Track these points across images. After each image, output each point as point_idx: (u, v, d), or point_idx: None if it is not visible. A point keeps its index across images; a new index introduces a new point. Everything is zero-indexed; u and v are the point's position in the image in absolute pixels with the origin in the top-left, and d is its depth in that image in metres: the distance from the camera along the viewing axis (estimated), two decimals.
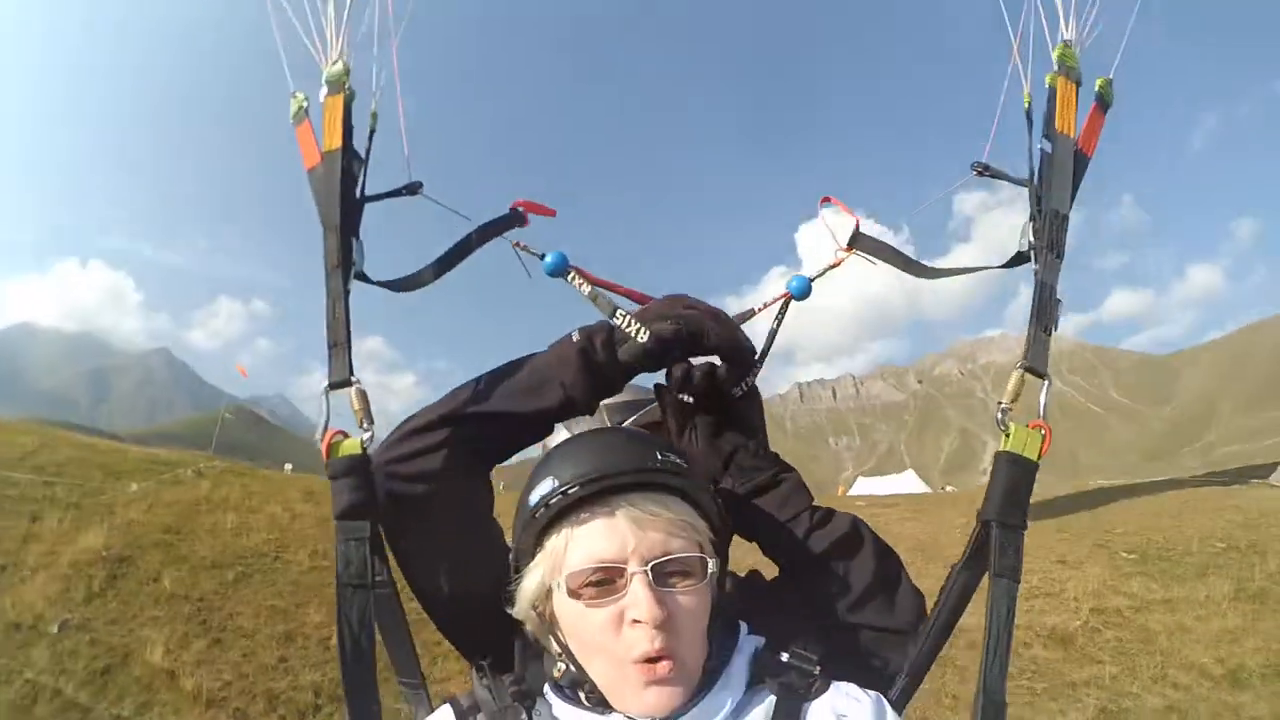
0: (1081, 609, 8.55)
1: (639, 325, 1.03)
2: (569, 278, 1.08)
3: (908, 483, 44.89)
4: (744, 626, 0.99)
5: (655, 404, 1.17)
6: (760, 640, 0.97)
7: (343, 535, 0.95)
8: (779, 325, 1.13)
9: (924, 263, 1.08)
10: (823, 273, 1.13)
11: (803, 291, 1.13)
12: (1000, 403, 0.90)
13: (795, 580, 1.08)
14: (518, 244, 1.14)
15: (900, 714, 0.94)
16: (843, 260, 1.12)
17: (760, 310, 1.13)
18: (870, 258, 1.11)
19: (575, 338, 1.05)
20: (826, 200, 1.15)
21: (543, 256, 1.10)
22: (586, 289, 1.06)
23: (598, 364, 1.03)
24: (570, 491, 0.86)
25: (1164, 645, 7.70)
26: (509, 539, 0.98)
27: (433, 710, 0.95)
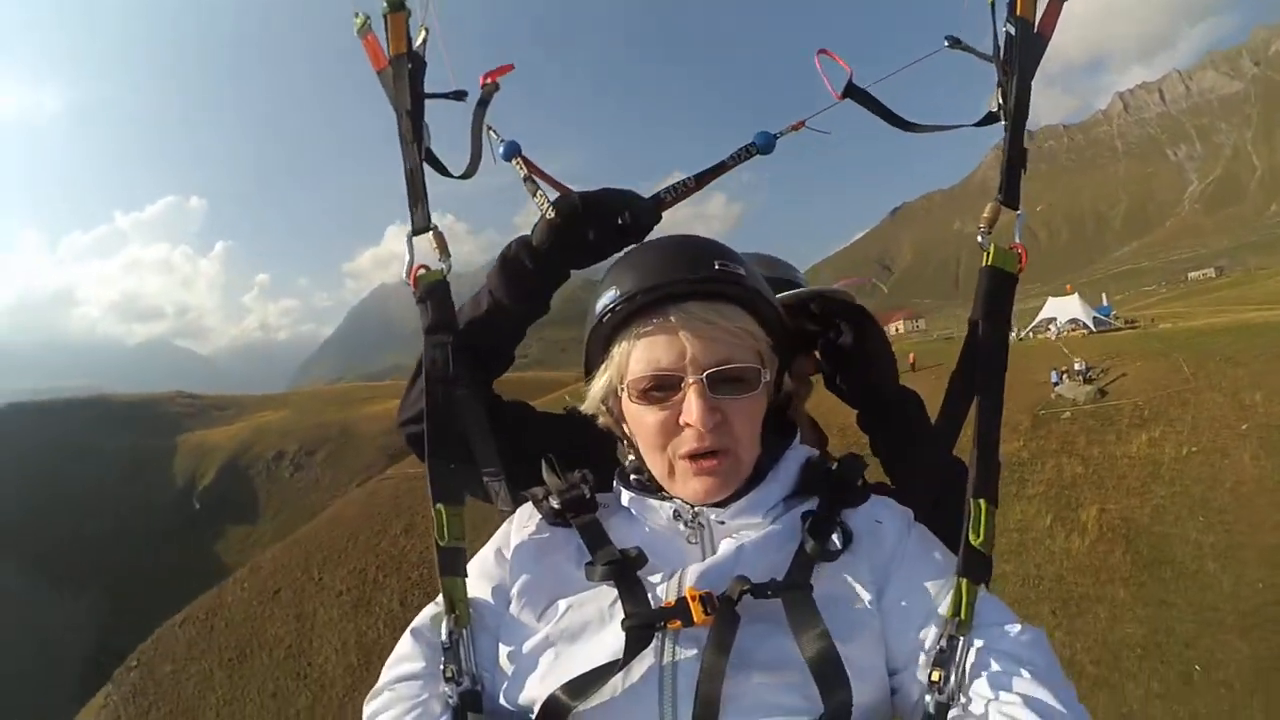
0: None
1: (548, 204, 1.12)
2: (513, 162, 1.20)
3: (1071, 307, 38.19)
4: (798, 434, 1.05)
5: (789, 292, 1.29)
6: (812, 451, 1.03)
7: (430, 344, 1.07)
8: (732, 163, 1.19)
9: (908, 119, 1.20)
10: (785, 131, 1.19)
11: (767, 145, 1.19)
12: (979, 226, 1.04)
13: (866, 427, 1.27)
14: (489, 128, 1.27)
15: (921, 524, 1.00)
16: (804, 123, 1.21)
17: (730, 163, 1.19)
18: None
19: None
20: (823, 52, 1.19)
21: (504, 142, 1.23)
22: (523, 172, 1.19)
23: (511, 259, 1.14)
24: (631, 300, 0.90)
25: None
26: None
27: (512, 496, 1.07)
